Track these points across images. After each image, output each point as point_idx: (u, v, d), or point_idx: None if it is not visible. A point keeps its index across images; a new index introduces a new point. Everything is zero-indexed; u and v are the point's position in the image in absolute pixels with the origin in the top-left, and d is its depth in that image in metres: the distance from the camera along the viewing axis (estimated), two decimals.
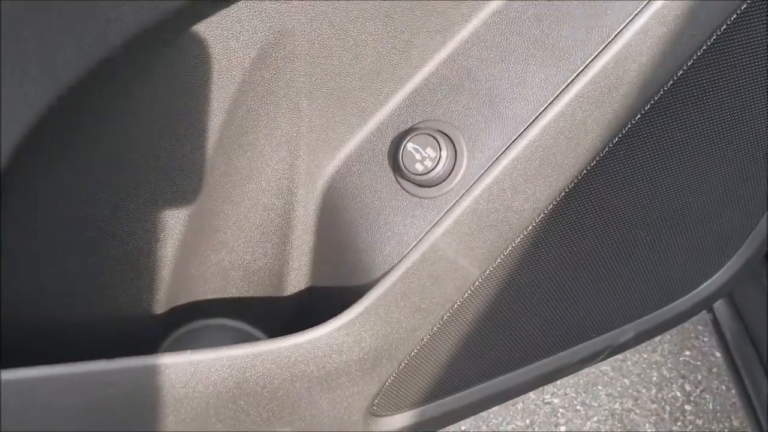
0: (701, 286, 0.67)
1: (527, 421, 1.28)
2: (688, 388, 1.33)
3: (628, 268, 0.57)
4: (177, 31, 0.39)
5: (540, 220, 0.47)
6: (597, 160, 0.46)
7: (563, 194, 0.46)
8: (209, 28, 0.41)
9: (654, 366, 1.37)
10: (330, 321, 0.46)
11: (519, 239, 0.47)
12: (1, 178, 0.36)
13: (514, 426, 1.26)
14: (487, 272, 0.48)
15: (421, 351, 0.50)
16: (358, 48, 0.44)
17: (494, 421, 1.26)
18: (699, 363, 1.37)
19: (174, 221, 0.47)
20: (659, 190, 0.52)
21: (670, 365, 1.37)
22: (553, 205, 0.47)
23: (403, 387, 0.53)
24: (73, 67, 0.34)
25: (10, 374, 0.40)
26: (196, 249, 0.50)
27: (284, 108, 0.45)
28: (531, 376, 0.59)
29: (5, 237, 0.44)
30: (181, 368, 0.44)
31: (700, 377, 1.34)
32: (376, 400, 0.52)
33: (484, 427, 1.25)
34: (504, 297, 0.50)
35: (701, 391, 1.32)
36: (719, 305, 0.99)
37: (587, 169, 0.46)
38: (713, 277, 0.66)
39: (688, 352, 1.39)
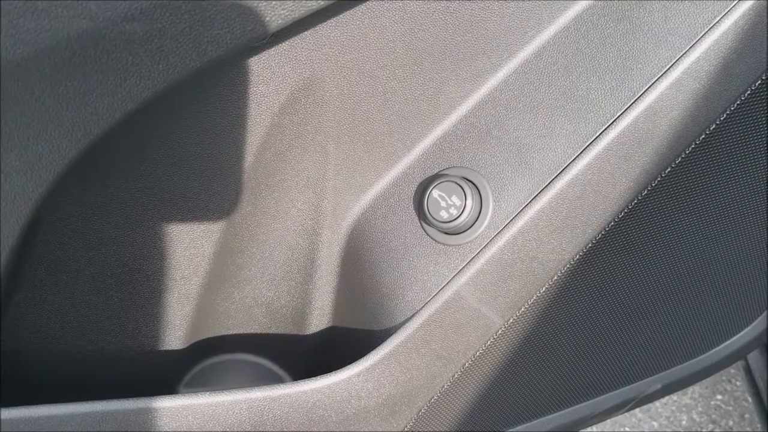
0: (733, 338, 0.65)
1: None
2: None
3: (655, 320, 0.56)
4: (209, 77, 0.40)
5: (565, 271, 0.46)
6: (625, 213, 0.45)
7: (589, 246, 0.46)
8: (240, 73, 0.41)
9: (684, 409, 1.33)
10: (350, 366, 0.46)
11: (543, 289, 0.47)
12: (36, 220, 0.37)
13: None
14: (510, 321, 0.47)
15: (441, 398, 0.50)
16: (386, 94, 0.44)
17: None
18: (731, 408, 1.33)
19: (200, 259, 0.47)
20: (688, 243, 0.51)
21: (700, 409, 1.33)
22: (579, 256, 0.46)
23: (424, 429, 0.52)
24: (105, 121, 0.34)
25: (31, 411, 0.41)
26: (220, 286, 0.50)
27: (312, 151, 0.46)
28: (551, 427, 0.58)
29: (35, 272, 0.44)
30: (198, 410, 0.44)
31: (731, 423, 1.30)
32: None
33: None
34: (526, 346, 0.50)
35: None
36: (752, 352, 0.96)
37: (615, 221, 0.45)
38: (746, 329, 0.65)
39: (719, 396, 1.35)
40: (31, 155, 0.34)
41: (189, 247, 0.46)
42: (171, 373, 0.53)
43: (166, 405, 0.43)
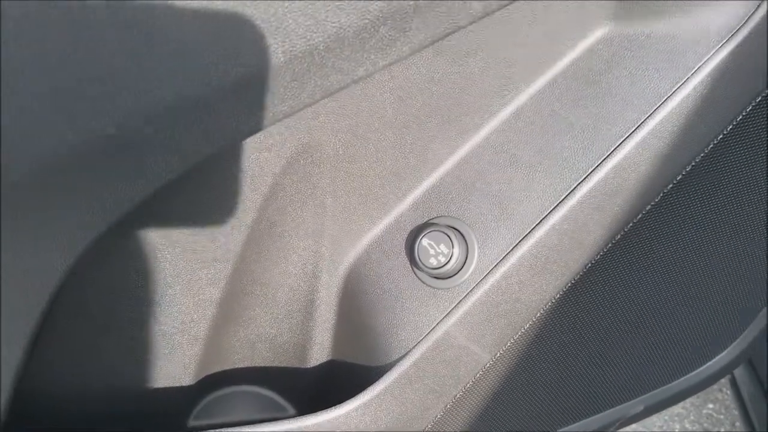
0: (714, 359, 0.69)
1: None
2: None
3: (633, 348, 0.60)
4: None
5: (547, 309, 0.50)
6: (600, 256, 0.49)
7: (568, 286, 0.50)
8: (244, 143, 0.45)
9: (676, 418, 1.37)
10: (349, 401, 0.50)
11: (527, 326, 0.50)
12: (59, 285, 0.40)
13: None
14: (497, 355, 0.51)
15: (434, 427, 0.54)
16: (378, 153, 0.48)
17: None
18: (722, 416, 1.36)
19: (208, 303, 0.51)
20: (660, 280, 0.55)
21: (692, 418, 1.37)
22: (559, 296, 0.50)
23: None
24: (128, 203, 0.38)
25: None
26: (226, 325, 0.54)
27: (310, 205, 0.50)
28: None
29: (53, 317, 0.48)
30: None
31: (722, 430, 1.34)
32: None
33: None
34: (512, 378, 0.54)
35: None
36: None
37: (591, 264, 0.49)
38: (721, 354, 0.69)
39: (711, 405, 1.38)
40: (60, 229, 0.38)
41: (197, 293, 0.50)
42: (181, 407, 0.57)
43: None
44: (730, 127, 0.46)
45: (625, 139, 0.45)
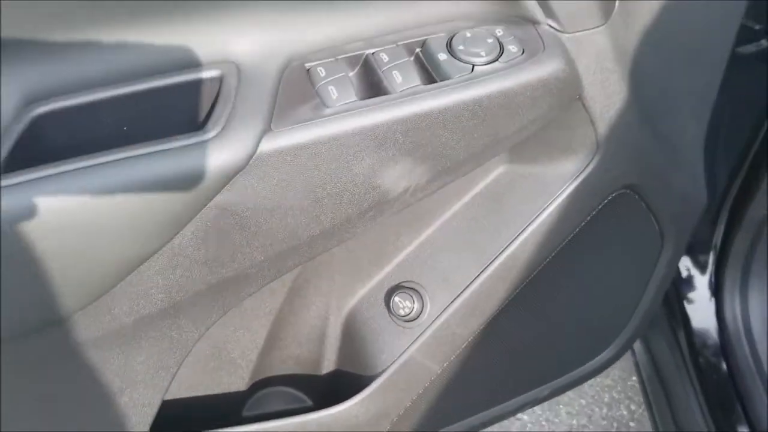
0: (598, 356, 0.99)
1: None
2: (633, 407, 1.65)
3: (541, 351, 0.90)
4: None
5: (475, 336, 0.80)
6: (507, 303, 0.79)
7: (488, 321, 0.79)
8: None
9: (606, 389, 1.69)
10: (350, 399, 0.79)
11: (462, 347, 0.80)
12: None
13: None
14: (445, 365, 0.81)
15: (406, 410, 0.83)
16: (366, 243, 0.77)
17: None
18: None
19: (259, 340, 0.80)
20: (550, 311, 0.85)
21: (619, 388, 1.68)
22: (482, 327, 0.80)
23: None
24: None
25: None
26: (267, 350, 0.83)
27: (324, 277, 0.79)
28: (478, 422, 0.92)
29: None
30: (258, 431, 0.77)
31: (643, 400, 1.66)
32: None
33: None
34: (452, 380, 0.83)
35: (643, 410, 1.64)
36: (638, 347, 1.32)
37: (502, 308, 0.79)
38: (607, 349, 0.99)
39: (634, 378, 1.70)
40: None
41: (253, 334, 0.79)
42: (238, 403, 0.86)
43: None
44: (577, 229, 0.76)
45: (516, 236, 0.75)
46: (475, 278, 0.76)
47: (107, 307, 0.58)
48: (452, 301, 0.77)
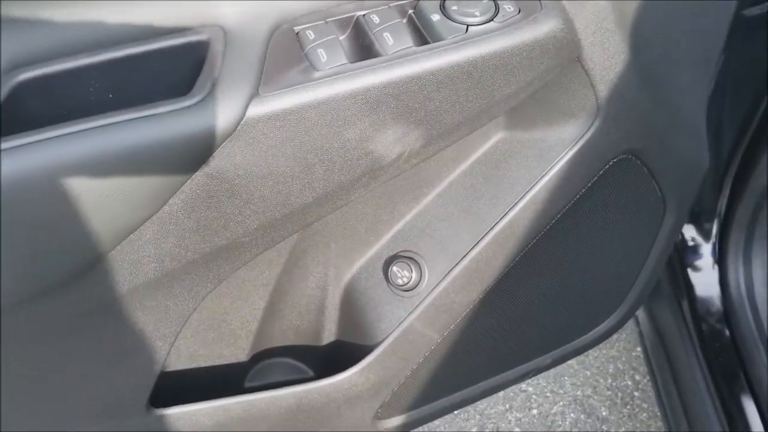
0: (601, 324, 0.99)
1: (507, 406, 1.60)
2: (637, 378, 1.65)
3: (544, 318, 0.90)
4: None
5: (474, 305, 0.79)
6: (507, 270, 0.78)
7: (488, 290, 0.79)
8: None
9: (611, 360, 1.69)
10: (350, 368, 0.79)
11: (462, 315, 0.80)
12: None
13: (496, 410, 1.59)
14: (444, 334, 0.81)
15: (405, 381, 0.83)
16: (363, 213, 0.76)
17: (480, 406, 1.59)
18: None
19: (257, 311, 0.80)
20: (555, 276, 0.84)
21: (624, 359, 1.68)
22: (483, 295, 0.79)
23: (397, 400, 0.86)
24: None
25: None
26: (267, 321, 0.83)
27: (321, 246, 0.78)
28: (478, 391, 0.92)
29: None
30: (262, 400, 0.77)
31: (647, 369, 1.66)
32: (379, 410, 0.85)
33: (471, 410, 1.59)
34: (452, 348, 0.83)
35: (648, 381, 1.64)
36: (641, 316, 1.32)
37: (502, 275, 0.78)
38: (611, 317, 0.98)
39: (639, 348, 1.70)
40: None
41: (252, 305, 0.79)
42: (239, 374, 0.86)
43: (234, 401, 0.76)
44: (577, 196, 0.75)
45: (515, 204, 0.74)
46: (474, 246, 0.75)
47: (100, 277, 0.58)
48: (451, 270, 0.76)
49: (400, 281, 0.77)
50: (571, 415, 1.60)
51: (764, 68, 0.96)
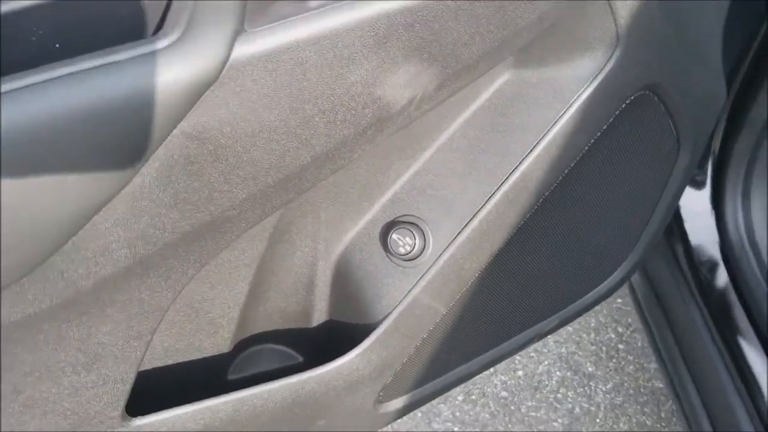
0: (605, 282, 0.92)
1: (491, 370, 1.55)
2: (620, 330, 1.61)
3: (549, 277, 0.82)
4: None
5: (482, 272, 0.71)
6: (516, 230, 0.70)
7: (496, 254, 0.71)
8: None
9: (591, 314, 1.64)
10: (349, 352, 0.70)
11: (469, 284, 0.72)
12: None
13: (481, 375, 1.54)
14: (450, 306, 0.73)
15: (408, 361, 0.75)
16: (355, 172, 0.67)
17: None
18: (629, 308, 1.64)
19: (239, 295, 0.70)
20: (564, 232, 0.77)
21: (605, 312, 1.64)
22: (491, 260, 0.71)
23: (399, 381, 0.78)
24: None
25: None
26: (251, 305, 0.73)
27: (309, 216, 0.68)
28: (483, 363, 0.84)
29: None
30: (253, 397, 0.68)
31: (630, 320, 1.62)
32: (381, 393, 0.77)
33: None
34: (459, 319, 0.75)
35: (632, 332, 1.60)
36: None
37: (510, 237, 0.70)
38: (613, 275, 0.92)
39: (620, 300, 1.66)
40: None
41: (233, 288, 0.69)
42: (222, 365, 0.77)
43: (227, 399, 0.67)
44: (593, 140, 0.67)
45: (527, 154, 0.65)
46: (483, 205, 0.67)
47: (58, 271, 0.47)
48: (458, 234, 0.68)
49: (401, 250, 0.68)
50: (558, 373, 1.55)
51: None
